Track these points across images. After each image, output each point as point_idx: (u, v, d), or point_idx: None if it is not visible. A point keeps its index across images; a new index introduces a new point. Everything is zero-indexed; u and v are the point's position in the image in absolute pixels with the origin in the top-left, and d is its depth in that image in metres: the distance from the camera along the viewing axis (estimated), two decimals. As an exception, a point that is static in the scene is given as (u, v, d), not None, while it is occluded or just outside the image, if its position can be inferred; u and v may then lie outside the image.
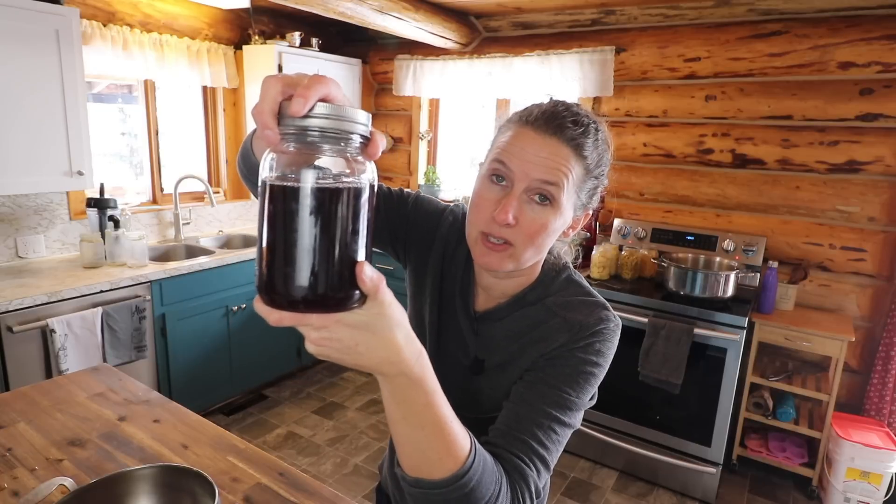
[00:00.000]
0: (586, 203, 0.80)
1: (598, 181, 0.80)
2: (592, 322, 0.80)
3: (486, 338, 0.87)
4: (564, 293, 0.85)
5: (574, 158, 0.74)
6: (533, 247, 0.76)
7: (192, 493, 0.92)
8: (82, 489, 0.90)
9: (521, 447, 0.71)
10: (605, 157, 0.79)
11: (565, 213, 0.76)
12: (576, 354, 0.78)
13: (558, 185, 0.73)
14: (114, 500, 0.93)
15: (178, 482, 0.94)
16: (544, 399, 0.75)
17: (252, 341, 3.16)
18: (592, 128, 0.76)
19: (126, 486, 0.94)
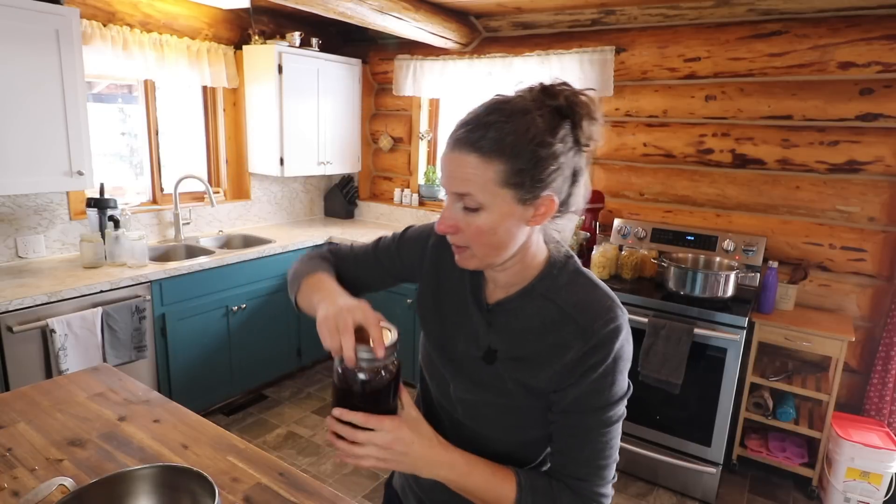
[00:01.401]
0: (538, 187, 0.77)
1: (541, 164, 0.75)
2: (604, 324, 0.81)
3: (500, 329, 0.89)
4: (573, 287, 0.86)
5: (480, 161, 0.75)
6: (486, 247, 0.80)
7: (192, 493, 0.92)
8: (82, 489, 0.90)
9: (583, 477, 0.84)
10: (542, 139, 0.75)
11: (500, 210, 0.77)
12: (599, 367, 0.81)
13: (471, 194, 0.76)
14: (114, 500, 0.93)
15: (178, 482, 0.94)
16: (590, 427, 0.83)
17: (252, 341, 3.16)
18: (500, 123, 0.75)
19: (126, 486, 0.94)
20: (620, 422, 0.85)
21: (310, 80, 3.52)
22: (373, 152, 4.26)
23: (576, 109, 0.77)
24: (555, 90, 0.78)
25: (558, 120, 0.77)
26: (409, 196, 4.04)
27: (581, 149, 0.79)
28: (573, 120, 0.77)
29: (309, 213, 4.22)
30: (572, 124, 0.77)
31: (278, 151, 3.45)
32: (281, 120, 3.40)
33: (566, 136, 0.77)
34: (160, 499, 0.95)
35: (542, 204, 0.78)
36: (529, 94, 0.79)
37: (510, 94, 0.79)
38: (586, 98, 0.78)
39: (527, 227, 0.81)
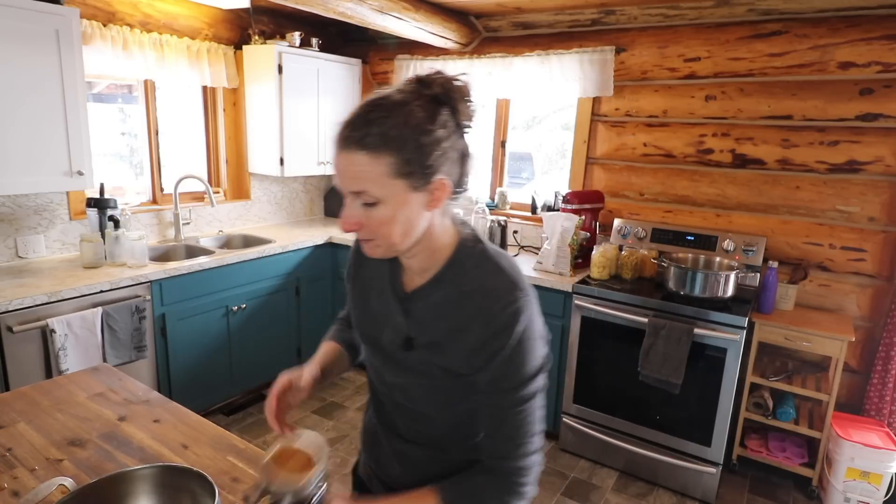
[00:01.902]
0: (428, 172, 0.80)
1: (427, 150, 0.79)
2: (502, 308, 0.85)
3: (417, 317, 0.93)
4: (477, 272, 0.89)
5: (368, 157, 0.78)
6: (390, 236, 0.83)
7: (192, 492, 0.93)
8: (82, 489, 0.91)
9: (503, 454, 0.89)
10: (423, 126, 0.79)
11: (397, 200, 0.81)
12: (502, 351, 0.85)
13: (366, 190, 0.80)
14: (114, 500, 0.93)
15: (178, 482, 0.94)
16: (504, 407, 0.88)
17: (252, 341, 3.16)
18: (382, 118, 0.78)
19: (126, 486, 0.94)
20: (538, 396, 0.89)
21: (310, 80, 3.52)
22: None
23: (451, 95, 0.81)
24: (429, 79, 0.82)
25: (436, 107, 0.81)
26: (409, 196, 4.03)
27: (463, 131, 0.85)
28: (451, 105, 0.82)
29: (309, 213, 4.22)
30: (451, 109, 0.82)
31: (278, 151, 3.45)
32: (281, 120, 3.40)
33: (446, 120, 0.81)
34: (160, 499, 0.95)
35: (436, 188, 0.82)
36: (406, 87, 0.82)
37: (388, 90, 0.82)
38: (460, 82, 0.82)
39: (427, 213, 0.85)
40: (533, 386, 0.88)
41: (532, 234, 3.50)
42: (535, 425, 0.89)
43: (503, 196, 3.69)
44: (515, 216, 3.58)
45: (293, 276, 3.36)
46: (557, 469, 2.79)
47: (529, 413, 0.88)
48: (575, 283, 2.76)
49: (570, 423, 2.88)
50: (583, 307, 2.73)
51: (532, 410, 0.88)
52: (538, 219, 3.43)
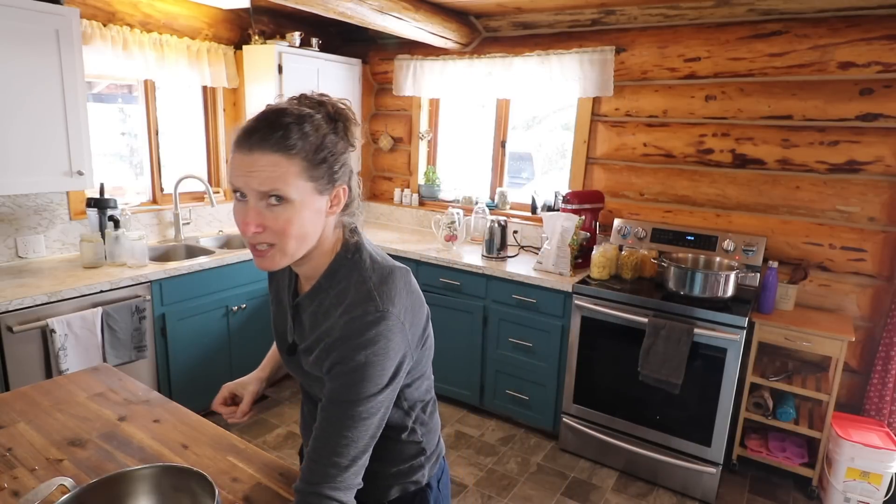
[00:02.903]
0: (332, 179, 0.87)
1: (332, 159, 0.86)
2: (351, 320, 0.86)
3: (301, 323, 0.99)
4: (346, 281, 0.92)
5: (285, 158, 0.82)
6: (292, 239, 0.86)
7: (192, 492, 0.93)
8: (82, 489, 0.91)
9: (309, 484, 0.85)
10: (329, 137, 0.86)
11: (304, 201, 0.85)
12: (346, 360, 0.85)
13: (278, 189, 0.82)
14: (114, 500, 0.93)
15: (178, 482, 0.95)
16: (333, 421, 0.86)
17: (252, 341, 3.16)
18: (294, 123, 0.83)
19: (126, 486, 0.94)
20: (369, 423, 0.86)
21: (310, 80, 3.52)
22: (373, 152, 4.26)
23: (342, 115, 0.89)
24: (319, 99, 0.89)
25: (334, 123, 0.88)
26: (409, 196, 4.04)
27: (350, 148, 0.90)
28: (344, 124, 0.89)
29: (309, 213, 4.21)
30: (344, 127, 0.89)
31: (278, 151, 3.44)
32: (281, 120, 3.39)
33: (343, 137, 0.88)
34: (160, 499, 0.95)
35: (336, 194, 0.89)
36: (299, 102, 0.88)
37: (283, 103, 0.87)
38: (345, 107, 0.90)
39: (325, 218, 0.90)
40: (369, 408, 0.85)
41: (532, 234, 3.50)
42: (357, 453, 0.85)
43: (503, 196, 3.69)
44: (515, 216, 3.58)
45: (293, 276, 3.35)
46: (557, 469, 2.79)
47: (355, 437, 0.85)
48: (575, 283, 2.76)
49: (570, 423, 2.88)
50: (583, 307, 2.73)
51: (359, 436, 0.85)
52: (538, 219, 3.43)
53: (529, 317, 2.90)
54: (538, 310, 2.88)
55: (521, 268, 3.01)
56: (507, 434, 3.08)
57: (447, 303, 3.16)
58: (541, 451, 2.94)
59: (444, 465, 1.17)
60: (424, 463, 1.08)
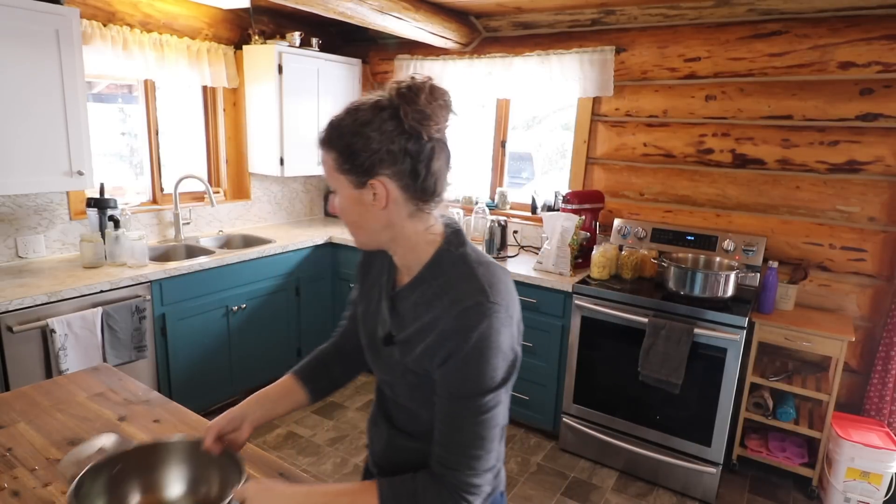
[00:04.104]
0: (361, 172, 0.86)
1: (355, 149, 0.85)
2: (463, 311, 0.85)
3: (399, 314, 0.96)
4: (453, 273, 0.90)
5: (324, 152, 0.90)
6: (350, 224, 0.93)
7: (221, 466, 1.01)
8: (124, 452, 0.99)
9: (452, 465, 0.86)
10: (359, 131, 0.85)
11: (344, 193, 0.90)
12: (458, 352, 0.84)
13: (328, 180, 0.92)
14: (150, 465, 1.02)
15: (208, 456, 1.02)
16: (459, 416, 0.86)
17: (252, 341, 3.16)
18: (336, 124, 0.88)
19: (161, 455, 1.03)
20: (494, 413, 0.86)
21: (310, 80, 3.52)
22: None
23: (396, 99, 0.85)
24: (389, 84, 0.87)
25: (377, 111, 0.85)
26: (409, 196, 4.03)
27: (411, 134, 0.85)
28: (393, 109, 0.85)
29: (309, 213, 4.22)
30: (392, 112, 0.84)
31: (278, 151, 3.45)
32: (281, 120, 3.40)
33: (383, 124, 0.84)
34: (191, 469, 1.03)
35: (374, 188, 0.87)
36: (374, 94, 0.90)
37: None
38: (409, 86, 0.84)
39: (382, 212, 0.88)
40: (490, 400, 0.85)
41: (532, 234, 3.50)
42: (490, 441, 0.86)
43: (503, 196, 3.69)
44: (515, 216, 3.58)
45: (293, 276, 3.36)
46: (557, 469, 2.79)
47: (486, 427, 0.85)
48: (575, 283, 2.76)
49: (570, 423, 2.88)
50: (583, 307, 2.73)
51: (488, 426, 0.86)
52: (538, 219, 3.43)
53: (529, 317, 2.90)
54: (538, 310, 2.88)
55: (522, 268, 3.01)
56: (507, 434, 3.08)
57: (447, 303, 3.16)
58: (541, 450, 2.94)
59: (501, 501, 1.07)
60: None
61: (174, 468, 1.02)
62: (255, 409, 1.10)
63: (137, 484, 0.99)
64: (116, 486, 0.96)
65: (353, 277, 1.13)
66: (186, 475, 1.02)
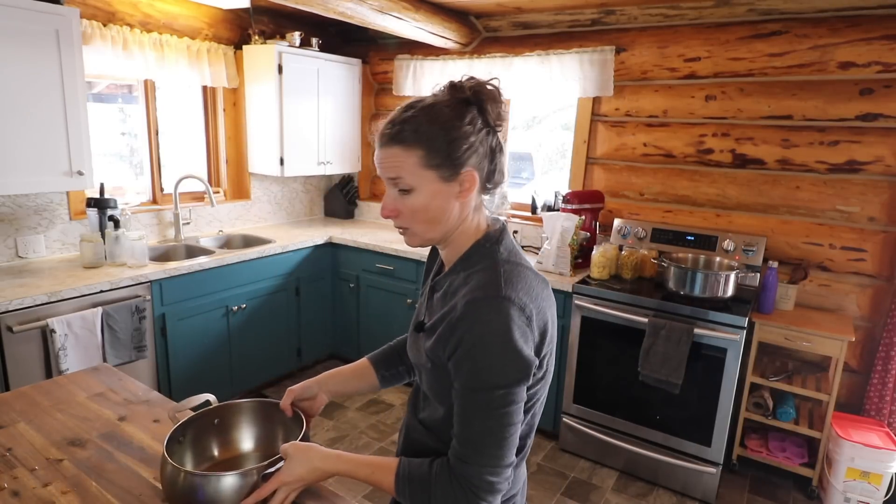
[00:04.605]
0: (455, 165, 0.89)
1: (452, 145, 0.88)
2: (473, 301, 0.86)
3: (432, 304, 1.01)
4: (476, 268, 0.93)
5: (402, 150, 0.89)
6: (421, 223, 0.93)
7: (285, 424, 1.14)
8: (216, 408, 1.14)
9: (465, 457, 0.87)
10: (451, 123, 0.88)
11: (428, 188, 0.90)
12: (464, 342, 0.85)
13: (401, 177, 0.90)
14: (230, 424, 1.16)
15: (274, 415, 1.15)
16: (472, 408, 0.87)
17: (252, 341, 3.16)
18: (408, 120, 0.89)
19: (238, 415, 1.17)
20: (507, 411, 0.85)
21: (310, 80, 3.52)
22: (373, 152, 4.25)
23: (480, 97, 0.90)
24: (460, 84, 0.91)
25: (464, 107, 0.89)
26: (409, 196, 4.03)
27: (492, 129, 0.92)
28: (479, 105, 0.90)
29: (309, 213, 4.22)
30: (478, 109, 0.90)
31: (278, 151, 3.45)
32: (281, 120, 3.40)
33: (473, 118, 0.89)
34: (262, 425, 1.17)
35: (465, 179, 0.90)
36: (440, 91, 0.93)
37: (424, 95, 0.93)
38: (490, 86, 0.91)
39: (457, 202, 0.92)
40: (500, 397, 0.84)
41: (532, 234, 3.50)
42: (503, 439, 0.85)
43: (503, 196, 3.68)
44: (515, 216, 3.58)
45: (293, 276, 3.36)
46: (557, 469, 2.79)
47: (498, 424, 0.85)
48: (575, 283, 2.76)
49: (570, 423, 2.88)
50: (583, 307, 2.73)
51: (502, 422, 0.85)
52: (538, 219, 3.43)
53: (529, 317, 2.90)
54: (538, 310, 2.88)
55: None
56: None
57: (447, 303, 3.16)
58: (541, 451, 2.94)
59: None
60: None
61: (246, 427, 1.17)
62: (330, 382, 1.18)
63: (216, 439, 1.14)
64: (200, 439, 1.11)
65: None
66: (256, 433, 1.17)
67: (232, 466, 1.03)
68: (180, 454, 1.05)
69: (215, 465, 1.11)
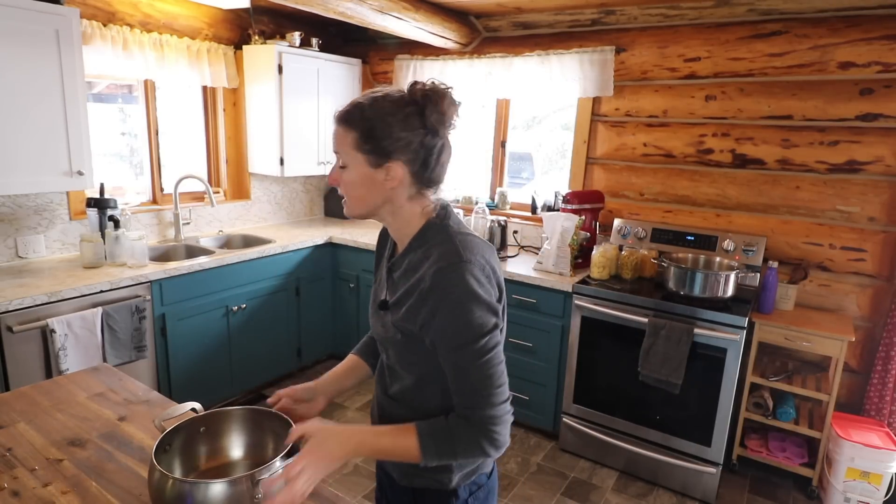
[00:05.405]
0: (382, 154, 0.97)
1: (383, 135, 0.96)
2: (439, 269, 0.95)
3: (394, 280, 1.07)
4: (437, 239, 1.01)
5: (343, 129, 0.99)
6: (353, 199, 1.03)
7: (275, 432, 1.11)
8: (203, 415, 1.13)
9: (472, 404, 0.96)
10: (391, 117, 0.96)
11: (358, 169, 0.99)
12: (441, 307, 0.94)
13: (340, 152, 1.01)
14: (220, 431, 1.15)
15: (264, 422, 1.13)
16: (463, 363, 0.96)
17: (252, 341, 3.16)
18: (357, 104, 0.98)
19: (228, 422, 1.15)
20: (494, 353, 0.97)
21: (310, 80, 3.52)
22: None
23: (426, 99, 0.96)
24: (416, 83, 0.98)
25: (404, 105, 0.96)
26: (409, 196, 4.03)
27: (430, 131, 0.97)
28: (421, 106, 0.96)
29: (309, 213, 4.22)
30: (420, 109, 0.96)
31: (278, 151, 3.45)
32: (281, 120, 3.40)
33: (408, 116, 0.96)
34: (252, 433, 1.15)
35: (391, 169, 0.97)
36: (399, 89, 1.00)
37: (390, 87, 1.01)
38: (438, 90, 0.96)
39: (385, 188, 0.99)
40: (486, 343, 0.95)
41: (532, 234, 3.50)
42: (498, 377, 0.96)
43: (503, 196, 3.69)
44: (515, 216, 3.58)
45: (293, 276, 3.36)
46: (557, 469, 2.79)
47: (490, 366, 0.95)
48: (575, 283, 2.76)
49: (570, 423, 2.88)
50: (583, 307, 2.73)
51: (492, 364, 0.96)
52: (538, 219, 3.43)
53: (529, 317, 2.90)
54: (538, 310, 2.88)
55: (521, 268, 3.01)
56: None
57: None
58: (541, 451, 2.94)
59: (487, 483, 1.13)
60: (454, 467, 1.07)
61: (235, 435, 1.16)
62: (327, 385, 1.23)
63: (205, 447, 1.13)
64: (188, 448, 1.10)
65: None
66: (245, 441, 1.16)
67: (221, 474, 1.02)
68: (168, 462, 1.04)
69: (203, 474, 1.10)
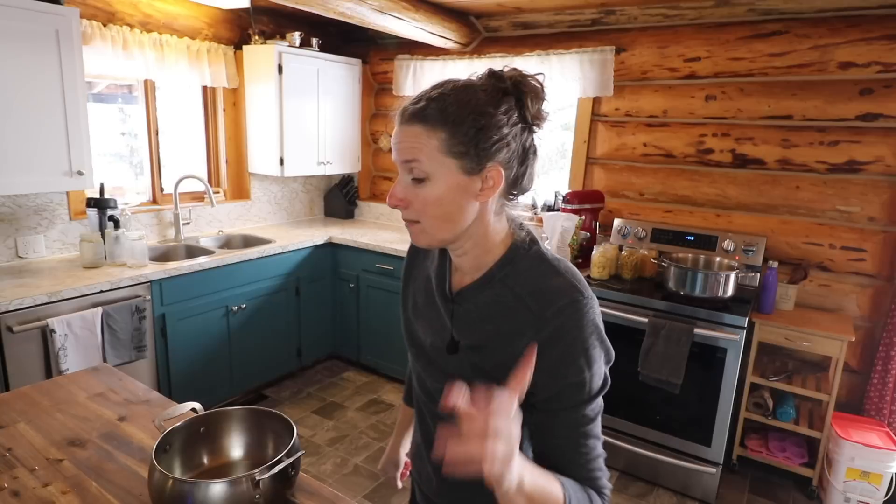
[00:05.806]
0: (480, 157, 0.78)
1: (481, 131, 0.77)
2: (557, 312, 0.79)
3: (462, 318, 0.89)
4: (532, 273, 0.84)
5: (423, 130, 0.77)
6: (435, 219, 0.81)
7: (275, 431, 1.12)
8: (202, 416, 1.14)
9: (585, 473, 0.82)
10: (485, 110, 0.77)
11: (446, 179, 0.79)
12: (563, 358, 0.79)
13: (417, 160, 0.78)
14: (220, 431, 1.15)
15: (265, 422, 1.13)
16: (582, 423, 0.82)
17: (252, 341, 3.16)
18: (434, 97, 0.78)
19: (228, 422, 1.15)
20: (598, 421, 0.84)
21: (310, 80, 3.52)
22: (373, 152, 4.26)
23: (521, 89, 0.79)
24: (502, 73, 0.80)
25: (501, 96, 0.78)
26: (409, 196, 4.03)
27: (529, 127, 0.81)
28: (517, 97, 0.79)
29: (309, 213, 4.22)
30: (516, 101, 0.79)
31: (278, 151, 3.45)
32: (281, 120, 3.40)
33: (509, 109, 0.78)
34: (252, 432, 1.16)
35: (489, 176, 0.79)
36: (478, 77, 0.82)
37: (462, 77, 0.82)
38: (533, 80, 0.80)
39: (476, 203, 0.81)
40: (598, 404, 0.83)
41: (532, 234, 3.50)
42: (600, 443, 0.84)
43: (503, 196, 3.68)
44: (515, 216, 3.57)
45: (293, 276, 3.36)
46: (557, 469, 2.79)
47: (599, 426, 0.83)
48: (575, 283, 2.76)
49: (570, 423, 2.87)
50: (583, 307, 2.72)
51: (597, 431, 0.83)
52: (538, 219, 3.43)
53: (529, 317, 2.90)
54: (538, 310, 2.88)
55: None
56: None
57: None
58: (541, 451, 2.94)
59: None
60: None
61: (235, 435, 1.16)
62: (404, 444, 1.27)
63: (205, 447, 1.13)
64: (188, 448, 1.09)
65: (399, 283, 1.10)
66: (245, 441, 1.15)
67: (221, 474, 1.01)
68: (168, 462, 1.03)
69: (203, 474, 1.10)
